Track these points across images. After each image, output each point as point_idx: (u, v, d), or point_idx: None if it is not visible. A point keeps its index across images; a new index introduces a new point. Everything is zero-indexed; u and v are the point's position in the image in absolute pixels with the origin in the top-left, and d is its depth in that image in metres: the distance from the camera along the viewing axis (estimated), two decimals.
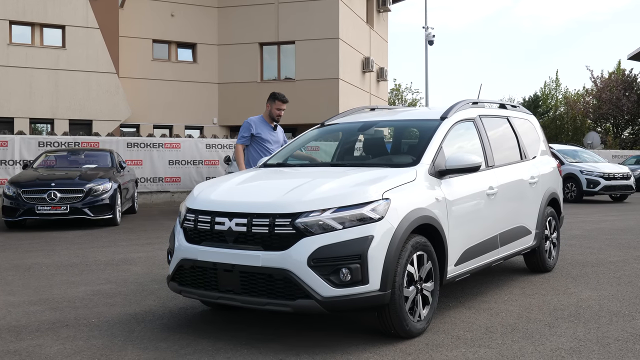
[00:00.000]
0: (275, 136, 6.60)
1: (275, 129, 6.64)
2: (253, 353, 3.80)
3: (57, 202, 10.49)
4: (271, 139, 6.54)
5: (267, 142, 6.49)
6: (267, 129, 6.57)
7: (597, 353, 3.74)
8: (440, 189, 4.48)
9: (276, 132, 6.65)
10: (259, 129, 6.52)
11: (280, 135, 6.71)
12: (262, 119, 6.62)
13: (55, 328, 4.43)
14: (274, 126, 6.63)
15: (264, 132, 6.52)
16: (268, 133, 6.54)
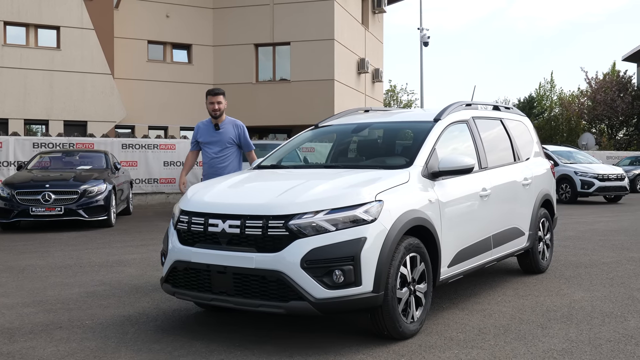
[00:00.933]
0: (217, 136, 6.06)
1: (217, 128, 6.06)
2: (246, 355, 3.81)
3: (51, 204, 10.46)
4: (211, 140, 6.06)
5: (206, 145, 6.09)
6: (208, 130, 6.11)
7: (589, 354, 3.76)
8: (433, 191, 4.49)
9: (220, 132, 6.07)
10: (200, 132, 6.15)
11: (226, 134, 6.08)
12: (208, 121, 6.18)
13: (49, 330, 4.42)
14: (215, 125, 6.06)
15: (204, 135, 6.12)
16: (208, 135, 6.09)
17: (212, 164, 6.03)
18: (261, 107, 24.29)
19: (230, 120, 6.13)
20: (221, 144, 6.04)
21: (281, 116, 24.21)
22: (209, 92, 5.97)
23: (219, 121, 6.06)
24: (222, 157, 6.04)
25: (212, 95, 5.93)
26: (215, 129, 6.06)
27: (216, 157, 6.04)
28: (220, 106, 5.96)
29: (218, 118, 6.03)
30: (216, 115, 6.00)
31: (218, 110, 5.96)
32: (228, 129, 6.09)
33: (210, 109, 5.97)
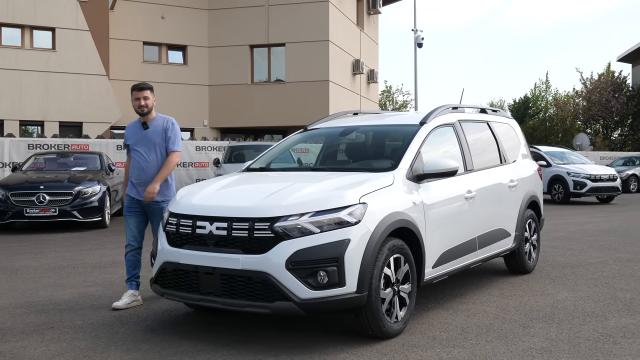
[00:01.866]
0: (144, 136, 5.34)
1: (146, 127, 5.34)
2: (233, 354, 3.89)
3: (46, 205, 10.52)
4: (139, 140, 5.35)
5: (135, 147, 5.37)
6: (136, 130, 5.42)
7: (567, 353, 3.85)
8: (417, 193, 4.58)
9: (148, 131, 5.34)
10: (128, 133, 5.48)
11: (156, 133, 5.34)
12: (138, 120, 5.48)
13: (41, 330, 4.49)
14: (144, 124, 5.35)
15: (130, 137, 5.43)
16: (136, 136, 5.39)
17: (142, 167, 5.31)
18: (256, 108, 24.37)
19: (161, 117, 5.41)
20: (150, 145, 5.31)
21: (276, 117, 24.28)
22: (134, 88, 5.31)
23: (147, 119, 5.35)
24: (152, 161, 5.30)
25: (137, 91, 5.29)
26: (143, 128, 5.35)
27: (145, 160, 5.30)
28: (147, 102, 5.27)
29: (146, 115, 5.32)
30: (143, 112, 5.29)
31: (145, 106, 5.27)
32: (159, 127, 5.35)
33: (135, 105, 5.29)
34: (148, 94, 5.30)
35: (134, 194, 5.34)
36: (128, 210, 5.36)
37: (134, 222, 5.33)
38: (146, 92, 5.30)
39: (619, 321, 4.57)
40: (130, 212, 5.35)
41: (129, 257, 5.34)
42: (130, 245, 5.33)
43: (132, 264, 5.33)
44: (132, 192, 5.35)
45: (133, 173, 5.36)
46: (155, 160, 5.30)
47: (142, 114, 5.31)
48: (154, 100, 5.35)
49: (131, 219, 5.33)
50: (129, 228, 5.34)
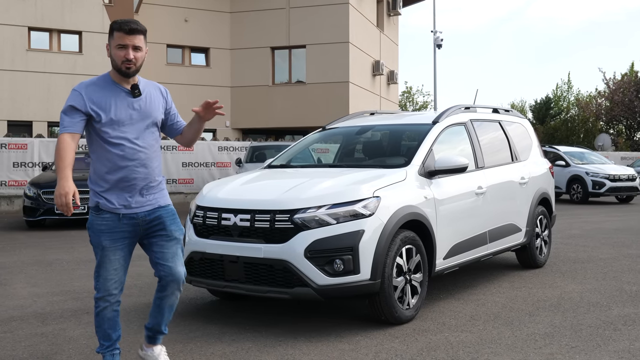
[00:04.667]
0: (134, 107, 3.24)
1: (136, 94, 3.25)
2: (255, 336, 4.20)
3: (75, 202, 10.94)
4: (121, 114, 3.19)
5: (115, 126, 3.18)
6: (111, 96, 3.19)
7: (569, 337, 4.09)
8: (429, 189, 4.84)
9: (141, 100, 3.27)
10: (94, 99, 3.16)
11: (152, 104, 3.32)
12: (107, 79, 3.25)
13: (77, 315, 4.85)
14: (133, 88, 3.24)
15: (100, 106, 3.16)
16: (109, 107, 3.17)
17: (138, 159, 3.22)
18: (277, 109, 24.74)
19: (149, 83, 3.40)
20: (144, 123, 3.27)
21: (297, 118, 24.63)
22: (119, 27, 3.15)
23: (134, 81, 3.27)
24: (145, 148, 3.25)
25: (124, 33, 3.14)
26: (131, 95, 3.24)
27: (137, 147, 3.22)
28: (138, 55, 3.19)
29: (132, 76, 3.23)
30: (129, 71, 3.18)
31: (134, 62, 3.17)
32: (153, 95, 3.36)
33: (118, 57, 3.15)
34: (142, 42, 3.20)
35: (122, 207, 3.21)
36: (111, 238, 3.20)
37: (122, 256, 3.26)
38: (139, 37, 3.18)
39: (622, 311, 4.78)
40: (115, 239, 3.22)
41: (109, 315, 3.30)
42: (110, 297, 3.27)
43: (112, 323, 3.33)
44: (117, 203, 3.20)
45: (114, 169, 3.18)
46: (153, 147, 3.30)
47: (127, 73, 3.18)
48: (145, 52, 3.25)
49: (117, 252, 3.23)
50: (112, 267, 3.23)
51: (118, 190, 3.22)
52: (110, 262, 3.23)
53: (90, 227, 3.25)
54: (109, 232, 3.21)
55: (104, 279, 3.24)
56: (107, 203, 3.21)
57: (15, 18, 21.07)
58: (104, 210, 3.22)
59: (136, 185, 3.23)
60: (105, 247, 3.21)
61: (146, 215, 3.28)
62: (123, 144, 3.19)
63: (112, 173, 3.20)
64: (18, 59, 21.14)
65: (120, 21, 3.20)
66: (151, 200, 3.29)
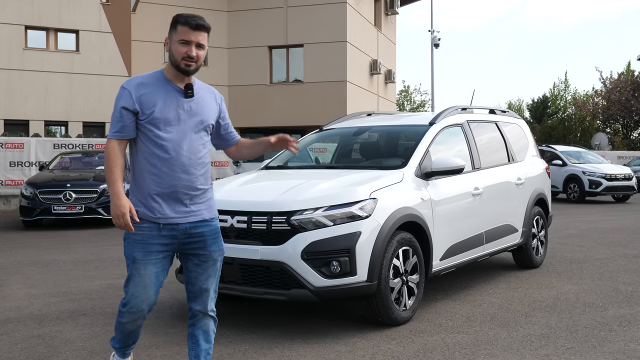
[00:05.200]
0: (184, 108, 2.96)
1: (190, 94, 2.98)
2: (252, 338, 4.20)
3: (72, 202, 10.96)
4: (170, 113, 2.93)
5: (161, 127, 2.90)
6: (162, 93, 2.94)
7: (564, 338, 4.11)
8: (426, 190, 4.86)
9: (194, 102, 3.01)
10: (146, 95, 2.91)
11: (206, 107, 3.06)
12: (160, 76, 3.00)
13: (74, 316, 4.86)
14: (186, 88, 2.98)
15: (153, 103, 2.91)
16: (161, 105, 2.92)
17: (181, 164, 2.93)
18: (275, 108, 24.73)
19: (204, 86, 3.14)
20: (191, 125, 2.98)
21: (295, 117, 24.62)
22: (185, 22, 2.93)
23: (190, 81, 3.01)
24: (191, 153, 2.96)
25: (191, 29, 2.93)
26: (183, 95, 2.97)
27: (180, 151, 2.93)
28: (200, 53, 2.97)
29: (191, 74, 2.99)
30: (189, 69, 2.95)
31: (195, 60, 2.95)
32: (207, 98, 3.10)
33: (179, 53, 2.92)
34: (205, 40, 2.99)
35: (161, 216, 2.92)
36: (144, 250, 2.92)
37: (154, 273, 2.96)
38: (203, 35, 2.97)
39: (618, 311, 4.80)
40: (149, 252, 2.93)
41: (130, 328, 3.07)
42: (137, 313, 2.99)
43: (133, 334, 3.15)
44: (157, 212, 2.92)
45: (154, 174, 2.92)
46: (200, 153, 2.99)
47: (186, 70, 2.94)
48: (206, 51, 3.03)
49: (149, 267, 2.93)
50: (142, 283, 2.94)
51: (159, 197, 2.91)
52: (140, 277, 2.92)
53: (126, 236, 2.96)
54: (143, 243, 2.91)
55: (131, 294, 2.95)
56: (147, 211, 2.91)
57: (11, 17, 21.02)
58: (143, 219, 2.91)
59: (177, 193, 2.93)
60: (136, 259, 2.91)
61: (188, 228, 2.96)
62: (165, 145, 2.90)
63: (153, 177, 2.91)
64: (15, 58, 21.09)
65: (186, 15, 2.98)
66: (195, 211, 2.97)
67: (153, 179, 2.91)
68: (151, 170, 2.91)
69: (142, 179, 2.94)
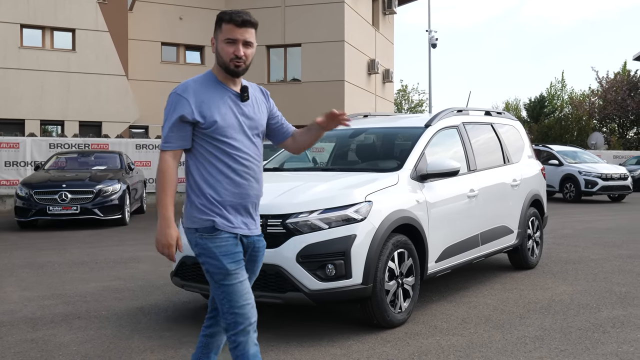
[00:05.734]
0: (243, 112, 2.79)
1: (245, 98, 2.80)
2: None
3: (67, 203, 10.93)
4: (230, 119, 2.74)
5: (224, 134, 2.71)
6: (217, 99, 2.74)
7: (558, 340, 4.12)
8: (421, 192, 4.86)
9: (249, 105, 2.83)
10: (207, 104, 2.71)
11: (258, 108, 2.89)
12: (211, 79, 2.81)
13: (68, 320, 4.84)
14: (242, 91, 2.81)
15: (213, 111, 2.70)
16: (224, 112, 2.72)
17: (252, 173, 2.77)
18: None
19: (250, 84, 2.93)
20: (252, 132, 2.82)
21: (293, 116, 24.37)
22: (230, 19, 2.75)
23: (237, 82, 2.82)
24: (258, 161, 2.83)
25: (235, 26, 2.73)
26: (240, 98, 2.80)
27: (251, 158, 2.78)
28: (249, 52, 2.77)
29: (240, 75, 2.79)
30: (238, 70, 2.75)
31: (244, 60, 2.75)
32: (258, 99, 2.92)
33: (227, 54, 2.73)
34: (253, 37, 2.79)
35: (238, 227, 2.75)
36: (233, 260, 2.72)
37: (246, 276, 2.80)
38: (250, 31, 2.77)
39: (611, 312, 4.82)
40: (237, 260, 2.73)
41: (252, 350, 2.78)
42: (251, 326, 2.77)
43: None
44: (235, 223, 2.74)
45: (228, 184, 2.73)
46: (261, 161, 2.88)
47: (235, 72, 2.75)
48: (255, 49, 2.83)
49: (243, 272, 2.76)
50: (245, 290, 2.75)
51: (233, 208, 2.72)
52: (242, 284, 2.71)
53: (204, 252, 2.70)
54: (230, 253, 2.69)
55: (237, 307, 2.69)
56: (225, 222, 2.69)
57: (7, 15, 20.95)
58: (221, 231, 2.69)
59: (250, 204, 2.77)
60: (230, 270, 2.68)
61: (254, 241, 2.81)
62: (236, 155, 2.71)
63: (228, 188, 2.71)
64: (10, 57, 21.02)
65: (231, 12, 2.77)
66: (257, 222, 2.84)
67: (228, 190, 2.71)
68: (224, 181, 2.71)
69: (214, 190, 2.71)
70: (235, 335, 2.70)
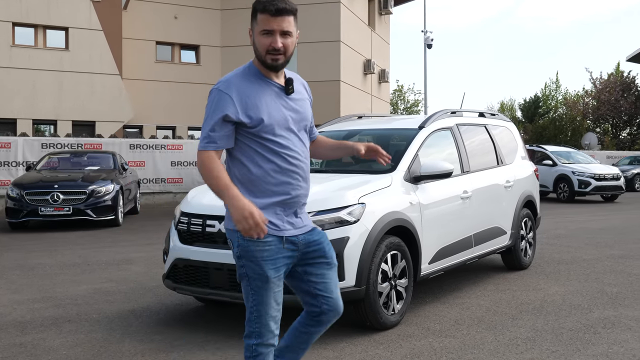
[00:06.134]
0: (288, 106, 2.64)
1: (290, 91, 2.65)
2: (240, 344, 4.16)
3: (60, 204, 10.86)
4: (278, 114, 2.59)
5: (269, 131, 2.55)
6: (261, 93, 2.58)
7: (550, 341, 4.13)
8: (415, 194, 4.85)
9: (294, 100, 2.68)
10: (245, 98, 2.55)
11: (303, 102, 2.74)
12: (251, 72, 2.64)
13: (58, 323, 4.80)
14: (287, 84, 2.65)
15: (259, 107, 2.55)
16: (273, 106, 2.59)
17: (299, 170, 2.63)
18: None
19: (292, 75, 2.76)
20: (300, 127, 2.69)
21: None
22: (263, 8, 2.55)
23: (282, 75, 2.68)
24: (306, 158, 2.71)
25: (270, 15, 2.54)
26: (284, 92, 2.65)
27: (299, 156, 2.64)
28: (288, 42, 2.58)
29: (280, 69, 2.63)
30: (277, 63, 2.59)
31: (283, 51, 2.57)
32: (302, 92, 2.78)
33: (262, 46, 2.57)
34: (291, 26, 2.59)
35: (284, 228, 2.62)
36: (275, 266, 2.58)
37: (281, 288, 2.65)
38: (288, 19, 2.57)
39: (602, 313, 4.83)
40: (279, 267, 2.60)
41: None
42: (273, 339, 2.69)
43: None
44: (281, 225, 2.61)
45: (275, 184, 2.59)
46: (308, 158, 2.76)
47: (273, 65, 2.59)
48: (296, 37, 2.65)
49: (280, 283, 2.63)
50: (277, 301, 2.63)
51: (280, 209, 2.59)
52: (275, 295, 2.58)
53: (245, 255, 2.55)
54: (272, 259, 2.55)
55: (266, 318, 2.58)
56: (270, 224, 2.55)
57: None
58: (266, 234, 2.53)
59: (297, 204, 2.63)
60: (270, 278, 2.54)
61: (305, 238, 2.66)
62: (284, 153, 2.56)
63: (275, 188, 2.56)
64: (2, 55, 20.87)
65: (265, 0, 2.54)
66: (305, 220, 2.70)
67: (275, 190, 2.57)
68: (271, 181, 2.56)
69: (259, 191, 2.57)
70: (258, 345, 2.62)
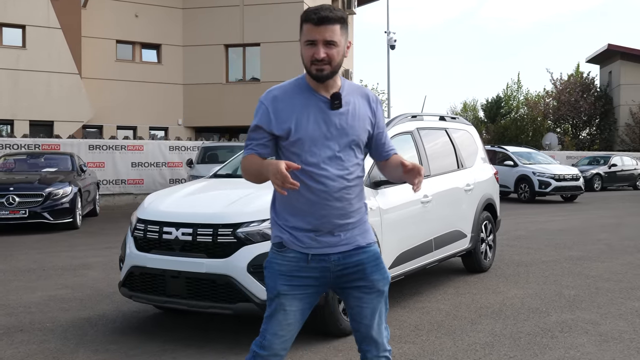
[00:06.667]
0: (331, 122, 2.46)
1: (337, 106, 2.46)
2: (198, 352, 4.11)
3: (15, 207, 10.55)
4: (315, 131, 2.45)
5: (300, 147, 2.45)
6: (302, 107, 2.48)
7: (507, 347, 4.17)
8: (374, 199, 4.84)
9: (340, 114, 2.47)
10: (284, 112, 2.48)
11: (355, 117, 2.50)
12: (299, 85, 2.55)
13: (10, 333, 4.64)
14: (334, 98, 2.46)
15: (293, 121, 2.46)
16: (312, 120, 2.46)
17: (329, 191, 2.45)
18: (231, 107, 24.47)
19: (355, 89, 2.60)
20: (342, 144, 2.49)
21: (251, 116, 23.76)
22: (306, 17, 2.42)
23: (331, 86, 2.50)
24: (342, 177, 2.48)
25: (313, 24, 2.40)
26: (329, 106, 2.48)
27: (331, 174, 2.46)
28: (333, 52, 2.42)
29: (325, 80, 2.46)
30: (322, 74, 2.44)
31: (328, 61, 2.42)
32: (358, 106, 2.55)
33: (306, 56, 2.45)
34: (337, 35, 2.42)
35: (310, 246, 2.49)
36: (290, 283, 2.50)
37: (300, 310, 2.53)
38: (332, 28, 2.41)
39: (560, 317, 4.91)
40: (295, 286, 2.50)
41: None
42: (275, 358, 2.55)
43: None
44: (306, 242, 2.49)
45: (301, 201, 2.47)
46: (353, 174, 2.53)
47: (318, 76, 2.45)
48: (347, 47, 2.51)
49: (295, 303, 2.51)
50: (286, 321, 2.52)
51: (306, 227, 2.46)
52: (285, 313, 2.47)
53: (268, 265, 2.54)
54: (289, 275, 2.47)
55: (272, 334, 2.49)
56: (295, 240, 2.47)
57: None
58: (288, 248, 2.47)
59: (328, 224, 2.46)
60: (280, 293, 2.46)
61: (340, 258, 2.49)
62: (312, 171, 2.42)
63: (299, 206, 2.46)
64: None
65: (309, 10, 2.41)
66: (347, 239, 2.50)
67: (300, 208, 2.46)
68: (297, 199, 2.45)
69: (285, 206, 2.52)
70: (256, 356, 2.53)
